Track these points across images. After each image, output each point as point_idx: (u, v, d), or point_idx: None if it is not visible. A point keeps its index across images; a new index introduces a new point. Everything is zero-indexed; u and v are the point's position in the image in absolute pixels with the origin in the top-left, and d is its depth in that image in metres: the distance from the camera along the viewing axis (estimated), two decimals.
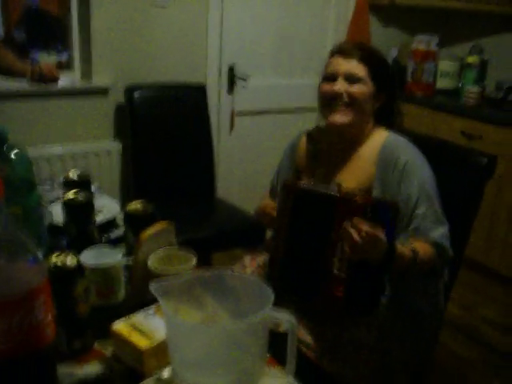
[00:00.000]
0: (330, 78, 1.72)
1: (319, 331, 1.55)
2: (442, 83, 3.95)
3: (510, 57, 3.80)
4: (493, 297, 3.35)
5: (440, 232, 1.60)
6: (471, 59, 3.84)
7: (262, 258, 1.84)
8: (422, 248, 1.56)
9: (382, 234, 1.39)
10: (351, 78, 1.68)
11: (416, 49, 3.94)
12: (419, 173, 1.63)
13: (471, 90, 3.59)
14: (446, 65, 3.95)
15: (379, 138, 1.72)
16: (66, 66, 3.22)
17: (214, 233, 2.79)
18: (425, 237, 1.59)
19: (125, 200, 3.21)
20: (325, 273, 1.50)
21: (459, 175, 1.75)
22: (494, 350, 2.86)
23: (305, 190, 1.57)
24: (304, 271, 1.57)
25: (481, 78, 3.85)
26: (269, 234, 1.95)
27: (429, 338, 1.78)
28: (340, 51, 1.73)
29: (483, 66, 3.87)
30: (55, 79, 2.94)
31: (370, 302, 1.53)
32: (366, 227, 1.37)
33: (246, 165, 3.72)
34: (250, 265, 1.82)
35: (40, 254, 0.91)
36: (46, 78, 2.89)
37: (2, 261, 0.85)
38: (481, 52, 3.89)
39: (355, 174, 1.72)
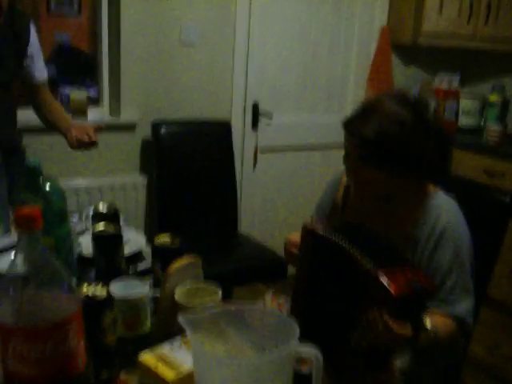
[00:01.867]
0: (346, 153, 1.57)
1: (339, 378, 1.50)
2: (464, 121, 3.96)
3: None
4: None
5: (466, 306, 1.52)
6: (493, 97, 3.86)
7: (283, 297, 1.82)
8: (444, 325, 1.46)
9: (409, 333, 1.29)
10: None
11: (438, 87, 3.98)
12: (457, 239, 1.53)
13: (493, 129, 3.60)
14: (467, 103, 3.97)
15: (421, 197, 1.59)
16: (95, 101, 3.30)
17: (236, 267, 2.81)
18: (449, 309, 1.51)
19: (149, 233, 3.27)
20: (338, 338, 1.40)
21: (481, 214, 1.74)
22: None
23: (327, 239, 1.43)
24: (323, 324, 1.46)
25: (503, 116, 3.86)
26: (291, 270, 1.94)
27: (451, 378, 1.76)
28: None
29: (505, 104, 3.88)
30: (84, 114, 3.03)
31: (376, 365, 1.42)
32: (396, 329, 1.26)
33: (269, 201, 3.75)
34: (271, 303, 1.80)
35: (74, 284, 0.94)
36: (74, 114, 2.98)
37: (39, 289, 0.89)
38: (502, 90, 3.92)
39: (385, 228, 1.57)
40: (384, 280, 1.26)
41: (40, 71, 2.38)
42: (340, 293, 1.41)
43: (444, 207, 1.57)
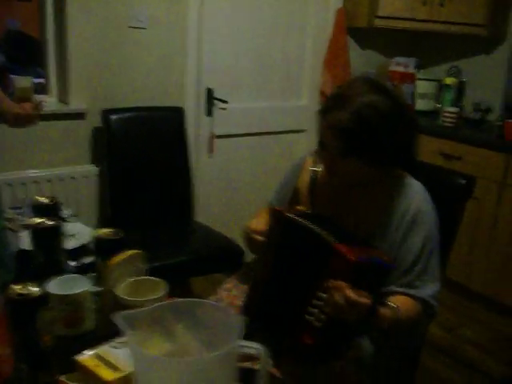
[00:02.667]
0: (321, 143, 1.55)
1: (294, 370, 1.47)
2: (421, 105, 3.97)
3: (486, 78, 3.84)
4: (474, 317, 3.33)
5: (431, 290, 1.54)
6: (449, 80, 3.88)
7: (237, 290, 1.77)
8: (407, 306, 1.48)
9: (365, 300, 1.32)
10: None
11: (394, 70, 3.97)
12: (428, 224, 1.55)
13: (449, 111, 3.62)
14: (423, 86, 3.98)
15: (390, 182, 1.60)
16: (43, 91, 3.17)
17: (192, 257, 2.74)
18: (414, 292, 1.52)
19: (102, 225, 3.19)
20: (298, 317, 1.43)
21: (438, 196, 1.73)
22: (476, 370, 2.84)
23: (297, 222, 1.47)
24: (281, 309, 1.50)
25: (458, 99, 3.88)
26: (248, 258, 1.91)
27: (409, 358, 1.75)
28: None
29: (461, 88, 3.91)
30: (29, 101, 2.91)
31: (335, 352, 1.47)
32: (350, 293, 1.30)
33: (225, 188, 3.69)
34: (226, 297, 1.75)
35: None
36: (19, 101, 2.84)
37: None
38: (458, 73, 3.93)
39: (358, 216, 1.61)
40: (343, 249, 1.33)
41: None
42: (303, 273, 1.44)
43: (415, 192, 1.58)
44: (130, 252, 1.27)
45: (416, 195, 1.57)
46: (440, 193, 1.78)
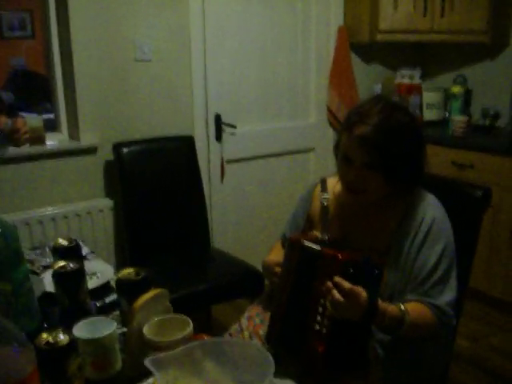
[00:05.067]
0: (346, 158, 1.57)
1: None
2: (429, 115, 3.97)
3: (492, 84, 3.83)
4: (499, 325, 3.29)
5: (447, 299, 1.54)
6: (456, 89, 3.87)
7: (259, 318, 1.77)
8: (418, 312, 1.50)
9: (362, 293, 1.36)
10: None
11: (400, 83, 3.98)
12: (443, 235, 1.56)
13: (458, 120, 3.61)
14: (430, 97, 3.98)
15: (404, 196, 1.62)
16: (53, 127, 3.20)
17: (212, 285, 2.74)
18: (430, 300, 1.53)
19: (120, 258, 3.20)
20: (307, 329, 1.48)
21: (456, 209, 1.72)
22: (506, 380, 2.80)
23: (307, 247, 1.52)
24: (298, 329, 1.53)
25: (466, 107, 3.87)
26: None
27: (437, 377, 1.73)
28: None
29: (468, 95, 3.90)
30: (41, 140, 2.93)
31: (351, 359, 1.50)
32: (347, 285, 1.36)
33: (240, 211, 3.69)
34: (247, 327, 1.75)
35: (26, 340, 0.86)
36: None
37: None
38: (464, 81, 3.93)
39: (371, 233, 1.63)
40: (330, 251, 1.45)
41: None
42: (309, 288, 1.49)
43: (428, 204, 1.61)
44: (154, 292, 1.27)
45: (430, 206, 1.60)
46: (457, 205, 1.77)
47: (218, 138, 3.48)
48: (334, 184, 1.77)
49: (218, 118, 3.44)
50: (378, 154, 1.49)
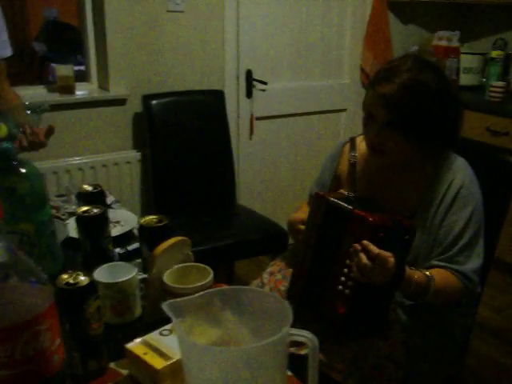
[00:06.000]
0: (369, 115, 1.56)
1: (341, 351, 1.48)
2: (465, 79, 3.85)
3: None
4: None
5: (473, 266, 1.52)
6: (495, 54, 3.73)
7: (281, 274, 1.77)
8: (444, 279, 1.48)
9: (390, 258, 1.34)
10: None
11: (437, 45, 3.86)
12: (471, 202, 1.53)
13: (496, 86, 3.50)
14: (468, 60, 3.86)
15: (433, 159, 1.60)
16: (84, 79, 3.20)
17: (236, 240, 2.75)
18: (455, 267, 1.51)
19: (145, 209, 3.21)
20: (329, 288, 1.47)
21: (487, 175, 1.68)
22: None
23: (335, 204, 1.50)
24: (320, 289, 1.52)
25: (505, 73, 3.75)
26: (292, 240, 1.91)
27: (458, 345, 1.72)
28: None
29: (507, 60, 3.77)
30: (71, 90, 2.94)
31: (371, 321, 1.49)
32: (375, 250, 1.33)
33: (267, 170, 3.67)
34: (269, 282, 1.75)
35: (45, 278, 0.86)
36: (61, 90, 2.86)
37: (4, 284, 0.81)
38: (504, 46, 3.80)
39: (400, 194, 1.61)
40: (361, 213, 1.41)
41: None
42: (335, 248, 1.48)
43: (458, 168, 1.58)
44: (175, 239, 1.27)
45: (460, 170, 1.57)
46: (489, 171, 1.73)
47: (249, 93, 3.44)
48: (360, 142, 1.74)
49: (248, 74, 3.39)
50: (400, 113, 1.46)
